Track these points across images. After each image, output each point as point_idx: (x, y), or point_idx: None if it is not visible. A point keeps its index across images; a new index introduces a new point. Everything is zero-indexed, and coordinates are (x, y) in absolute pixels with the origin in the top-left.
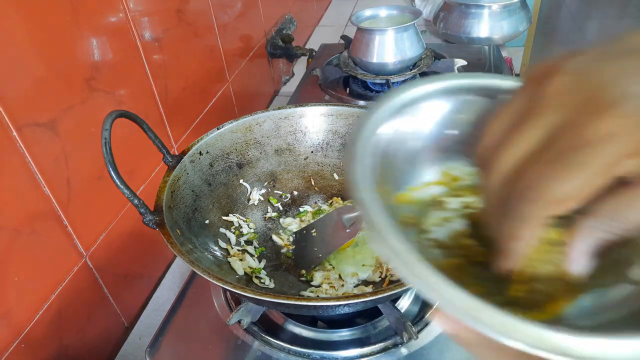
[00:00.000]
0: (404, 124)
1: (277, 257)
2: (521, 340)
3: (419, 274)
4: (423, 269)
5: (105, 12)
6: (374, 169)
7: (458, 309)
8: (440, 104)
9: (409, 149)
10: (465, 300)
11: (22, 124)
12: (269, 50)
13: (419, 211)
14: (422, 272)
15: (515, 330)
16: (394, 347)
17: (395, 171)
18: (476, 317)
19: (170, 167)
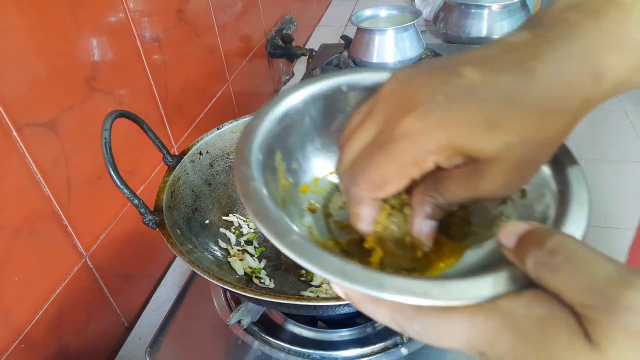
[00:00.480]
0: (295, 122)
1: (277, 257)
2: (388, 290)
3: (300, 250)
4: (303, 244)
5: (105, 12)
6: (259, 165)
7: (329, 270)
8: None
9: (307, 144)
10: (337, 263)
11: (22, 124)
12: (269, 50)
13: (325, 198)
14: (302, 249)
15: (382, 283)
16: (394, 347)
17: (299, 164)
18: (346, 275)
19: (170, 167)
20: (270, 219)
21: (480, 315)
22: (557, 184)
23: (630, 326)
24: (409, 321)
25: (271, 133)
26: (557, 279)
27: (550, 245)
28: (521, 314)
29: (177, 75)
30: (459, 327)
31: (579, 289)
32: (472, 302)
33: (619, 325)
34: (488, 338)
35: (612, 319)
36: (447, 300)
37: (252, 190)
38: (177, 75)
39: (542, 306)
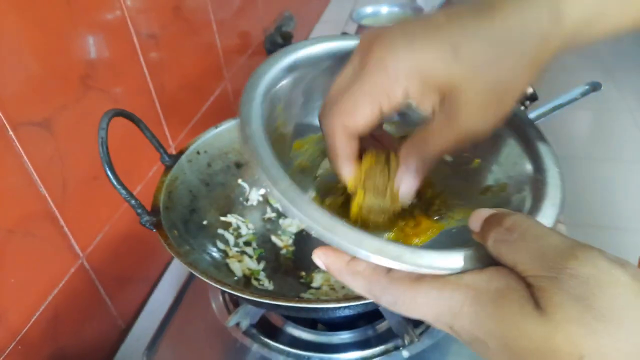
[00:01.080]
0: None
1: (277, 258)
2: (366, 248)
3: (291, 197)
4: (293, 192)
5: (101, 9)
6: (263, 113)
7: (315, 221)
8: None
9: (311, 100)
10: (324, 216)
11: (17, 123)
12: (268, 47)
13: (317, 158)
14: (293, 195)
15: (361, 241)
16: (395, 349)
17: (299, 118)
18: (330, 228)
19: (168, 166)
20: (268, 163)
21: (447, 289)
22: (536, 182)
23: (573, 291)
24: (382, 292)
25: (278, 81)
26: (512, 253)
27: (507, 223)
28: (482, 287)
29: (175, 73)
30: (428, 299)
31: (530, 261)
32: (441, 272)
33: (563, 290)
34: (454, 309)
35: (557, 285)
36: (418, 267)
37: (253, 131)
38: (175, 73)
39: (500, 280)
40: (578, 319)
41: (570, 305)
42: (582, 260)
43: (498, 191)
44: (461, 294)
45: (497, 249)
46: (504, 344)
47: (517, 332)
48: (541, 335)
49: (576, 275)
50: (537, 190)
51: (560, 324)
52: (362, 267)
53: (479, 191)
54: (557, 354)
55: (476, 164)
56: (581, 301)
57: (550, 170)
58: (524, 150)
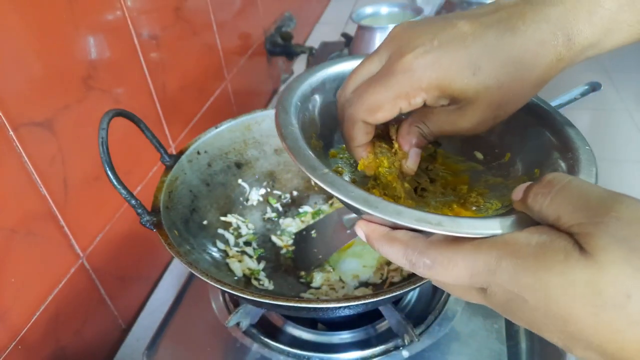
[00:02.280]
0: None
1: (277, 258)
2: (407, 217)
3: (332, 180)
4: (332, 177)
5: (103, 10)
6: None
7: (357, 200)
8: None
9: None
10: (361, 194)
11: (18, 123)
12: (268, 48)
13: (352, 165)
14: (334, 179)
15: (401, 212)
16: (395, 349)
17: (331, 130)
18: (369, 203)
19: (168, 166)
20: (305, 155)
21: (485, 245)
22: (568, 160)
23: (618, 233)
24: (420, 255)
25: (307, 96)
26: (555, 205)
27: (548, 178)
28: (522, 242)
29: (175, 73)
30: (465, 256)
31: (574, 210)
32: (480, 236)
33: (609, 233)
34: (491, 265)
35: (602, 229)
36: (458, 231)
37: (289, 132)
38: (175, 73)
39: (542, 235)
40: (624, 260)
41: (616, 247)
42: (626, 204)
43: (531, 179)
44: (499, 249)
45: (540, 204)
46: (545, 296)
47: (561, 280)
48: (587, 279)
49: (620, 218)
50: (571, 168)
51: (605, 265)
52: (401, 234)
53: (514, 182)
54: (604, 294)
55: (507, 158)
56: (627, 242)
57: (581, 149)
58: (552, 135)
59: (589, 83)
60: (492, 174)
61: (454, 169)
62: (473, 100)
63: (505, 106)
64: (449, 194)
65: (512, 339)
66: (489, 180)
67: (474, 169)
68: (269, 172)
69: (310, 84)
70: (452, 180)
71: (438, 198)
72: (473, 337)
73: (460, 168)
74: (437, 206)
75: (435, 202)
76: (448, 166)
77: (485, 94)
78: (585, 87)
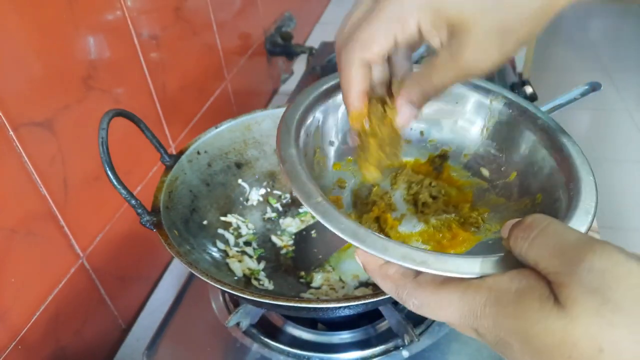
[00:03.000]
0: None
1: (277, 258)
2: (392, 254)
3: (324, 211)
4: (323, 207)
5: (103, 10)
6: (299, 137)
7: (346, 233)
8: None
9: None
10: (351, 226)
11: (18, 123)
12: (268, 48)
13: (355, 177)
14: (326, 209)
15: (387, 248)
16: (395, 349)
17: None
18: (357, 237)
19: (168, 167)
20: (301, 181)
21: (470, 291)
22: (569, 191)
23: (590, 284)
24: (409, 296)
25: (313, 110)
26: (533, 250)
27: (528, 221)
28: (504, 288)
29: (175, 73)
30: (452, 301)
31: (550, 257)
32: (464, 276)
33: (581, 284)
34: (476, 311)
35: (575, 279)
36: (442, 271)
37: (289, 155)
38: (175, 73)
39: (522, 280)
40: (596, 312)
41: (588, 299)
42: (599, 254)
43: (534, 203)
44: (483, 295)
45: (519, 247)
46: (526, 342)
47: (538, 329)
48: (561, 330)
49: (593, 269)
50: (571, 200)
51: (578, 317)
52: (392, 271)
53: (515, 204)
54: (578, 347)
55: (513, 177)
56: (598, 294)
57: (584, 180)
58: (557, 161)
59: (589, 83)
60: (496, 193)
61: (459, 184)
62: (471, 24)
63: (510, 33)
64: (451, 211)
65: None
66: (492, 200)
67: (479, 186)
68: (269, 172)
69: (316, 97)
70: (455, 197)
71: (438, 215)
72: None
73: (466, 183)
74: (436, 224)
75: (436, 219)
76: (453, 181)
77: (483, 16)
78: (586, 87)
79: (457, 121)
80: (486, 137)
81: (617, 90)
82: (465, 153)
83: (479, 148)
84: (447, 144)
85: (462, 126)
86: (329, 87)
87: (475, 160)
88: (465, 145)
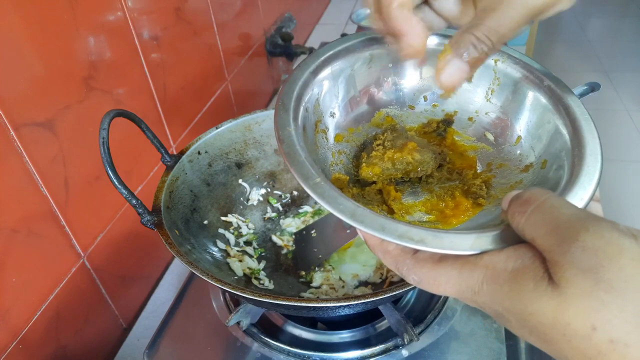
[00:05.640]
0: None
1: (277, 258)
2: (390, 234)
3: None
4: (324, 187)
5: (104, 11)
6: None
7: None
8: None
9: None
10: (350, 206)
11: (19, 124)
12: (268, 48)
13: (358, 148)
14: (324, 190)
15: (384, 226)
16: (394, 348)
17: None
18: (355, 217)
19: (169, 167)
20: (299, 162)
21: (467, 268)
22: (575, 156)
23: (583, 264)
24: (409, 271)
25: (312, 82)
26: (530, 225)
27: (525, 196)
28: (500, 267)
29: (176, 74)
30: (449, 278)
31: (545, 234)
32: (461, 253)
33: (574, 264)
34: (474, 287)
35: (568, 259)
36: (440, 248)
37: (286, 135)
38: (176, 74)
39: (517, 259)
40: (589, 292)
41: (581, 279)
42: (592, 232)
43: (539, 168)
44: (480, 273)
45: (517, 222)
46: (522, 320)
47: (533, 309)
48: (555, 310)
49: (586, 248)
50: (575, 166)
51: (571, 297)
52: (392, 247)
53: (520, 169)
54: (571, 326)
55: (518, 141)
56: (591, 274)
57: (589, 145)
58: (563, 124)
59: (588, 83)
60: (501, 157)
61: (463, 149)
62: None
63: None
64: (455, 178)
65: (511, 338)
66: (497, 164)
67: (484, 150)
68: (270, 172)
69: (313, 70)
70: (460, 162)
71: (442, 184)
72: (472, 336)
73: (470, 148)
74: (439, 193)
75: (440, 187)
76: (457, 146)
77: None
78: (585, 87)
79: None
80: (491, 100)
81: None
82: (469, 117)
83: (483, 111)
84: (451, 107)
85: (467, 89)
86: (326, 57)
87: (480, 124)
88: (470, 108)
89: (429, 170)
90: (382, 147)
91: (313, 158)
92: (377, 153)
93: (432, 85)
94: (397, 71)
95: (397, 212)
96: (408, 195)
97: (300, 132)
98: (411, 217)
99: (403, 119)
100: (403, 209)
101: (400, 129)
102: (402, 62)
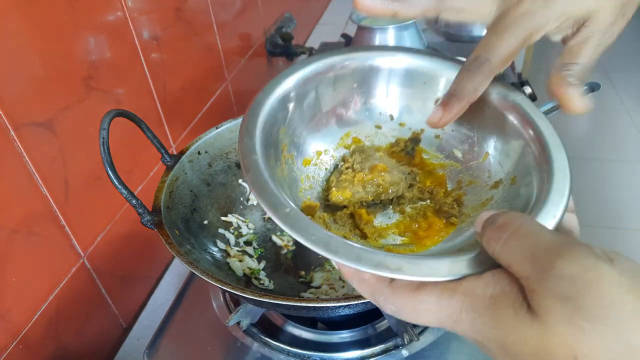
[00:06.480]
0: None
1: (277, 258)
2: (366, 264)
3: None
4: (295, 217)
5: (103, 11)
6: (263, 140)
7: (314, 243)
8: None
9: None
10: (323, 236)
11: (19, 124)
12: (269, 48)
13: (326, 171)
14: (296, 220)
15: (360, 257)
16: (394, 348)
17: (302, 138)
18: (329, 248)
19: (169, 167)
20: (267, 191)
21: (446, 295)
22: (543, 172)
23: (561, 292)
24: (386, 301)
25: (276, 107)
26: (505, 252)
27: (500, 221)
28: (478, 294)
29: (176, 74)
30: (429, 307)
31: (522, 261)
32: (439, 279)
33: (552, 292)
34: (453, 316)
35: (546, 287)
36: (418, 276)
37: (252, 163)
38: (176, 74)
39: (496, 286)
40: (568, 321)
41: (560, 307)
42: (568, 259)
43: (508, 184)
44: (458, 301)
45: (492, 249)
46: (504, 349)
47: (514, 337)
48: (536, 339)
49: (563, 276)
50: (544, 182)
51: (552, 326)
52: (368, 275)
53: (490, 185)
54: (554, 355)
55: (486, 157)
56: (570, 302)
57: (557, 160)
58: (529, 140)
59: (588, 83)
60: (470, 174)
61: (432, 167)
62: (598, 11)
63: (626, 5)
64: (426, 197)
65: None
66: (467, 182)
67: (453, 168)
68: None
69: (279, 92)
70: (429, 181)
71: (414, 204)
72: None
73: (439, 166)
74: (411, 214)
75: (411, 208)
76: (426, 164)
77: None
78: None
79: (426, 102)
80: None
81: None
82: (436, 134)
83: (450, 128)
84: (418, 126)
85: (432, 106)
86: (290, 79)
87: (448, 142)
88: None
89: (400, 190)
90: (351, 170)
91: (282, 184)
92: (347, 176)
93: (396, 105)
94: (362, 91)
95: (370, 236)
96: (380, 218)
97: (266, 159)
98: (385, 240)
99: (371, 139)
100: (376, 232)
101: (368, 150)
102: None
